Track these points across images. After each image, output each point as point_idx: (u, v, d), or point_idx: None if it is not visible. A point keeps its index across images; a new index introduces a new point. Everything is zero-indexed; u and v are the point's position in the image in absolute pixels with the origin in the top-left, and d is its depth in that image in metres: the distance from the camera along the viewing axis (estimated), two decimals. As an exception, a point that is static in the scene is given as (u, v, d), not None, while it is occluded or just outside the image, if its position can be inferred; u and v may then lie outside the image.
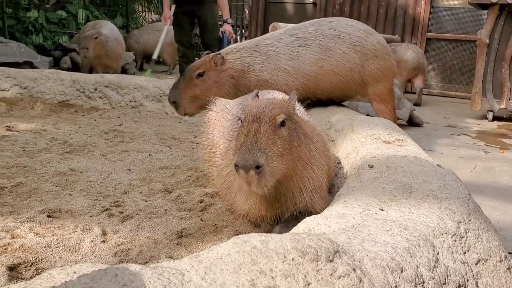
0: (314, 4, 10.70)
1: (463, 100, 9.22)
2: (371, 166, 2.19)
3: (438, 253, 1.44)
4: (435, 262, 1.40)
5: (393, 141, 2.62)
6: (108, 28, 7.62)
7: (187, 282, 1.05)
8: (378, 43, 4.00)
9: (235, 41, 8.86)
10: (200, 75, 3.66)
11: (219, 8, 7.27)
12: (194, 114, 3.83)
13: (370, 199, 1.77)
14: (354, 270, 1.19)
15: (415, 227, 1.50)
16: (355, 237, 1.37)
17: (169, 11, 7.23)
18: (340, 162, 2.81)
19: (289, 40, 3.88)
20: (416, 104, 8.28)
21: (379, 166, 2.15)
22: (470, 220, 1.65)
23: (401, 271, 1.28)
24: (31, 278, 1.71)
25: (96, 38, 7.18)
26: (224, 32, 7.10)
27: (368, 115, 4.33)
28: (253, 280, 1.08)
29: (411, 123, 6.26)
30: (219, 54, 3.72)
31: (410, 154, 2.28)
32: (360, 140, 2.72)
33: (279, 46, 3.83)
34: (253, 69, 3.75)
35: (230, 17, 7.22)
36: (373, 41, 3.97)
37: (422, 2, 9.48)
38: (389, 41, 9.13)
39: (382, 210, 1.66)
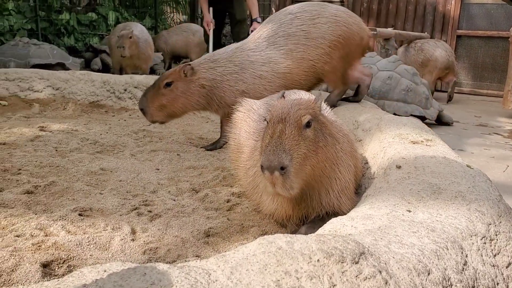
0: (342, 2, 10.62)
1: (495, 98, 9.00)
2: (398, 167, 2.17)
3: (466, 256, 1.42)
4: (464, 264, 1.38)
5: (422, 141, 2.59)
6: (138, 30, 7.73)
7: (214, 282, 1.07)
8: (337, 10, 3.90)
9: None
10: (168, 84, 3.66)
11: (248, 8, 7.28)
12: (163, 122, 3.85)
13: (397, 200, 1.75)
14: (380, 272, 1.18)
15: (443, 229, 1.48)
16: (381, 238, 1.36)
17: (209, 15, 7.25)
18: (367, 162, 2.79)
19: (257, 44, 3.84)
20: (449, 99, 8.14)
21: (407, 167, 2.13)
22: (500, 222, 1.62)
23: (428, 274, 1.27)
24: (63, 275, 1.77)
25: (130, 37, 7.29)
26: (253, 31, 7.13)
27: (394, 113, 4.27)
28: (279, 280, 1.09)
29: (440, 122, 6.15)
30: (189, 64, 3.72)
31: (439, 155, 2.25)
32: (388, 140, 2.70)
33: (250, 54, 3.79)
34: (227, 79, 3.73)
35: (259, 20, 7.22)
36: (331, 10, 3.88)
37: (453, -2, 9.30)
38: (418, 38, 9.02)
39: (410, 211, 1.64)
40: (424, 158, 2.18)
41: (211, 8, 7.12)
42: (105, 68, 9.26)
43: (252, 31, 7.27)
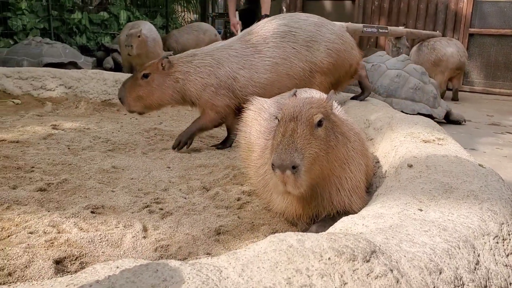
0: (353, 1, 10.57)
1: (508, 97, 8.91)
2: (410, 166, 2.16)
3: (479, 255, 1.41)
4: (476, 264, 1.37)
5: (433, 140, 2.57)
6: (146, 28, 7.75)
7: (225, 279, 1.07)
8: (332, 34, 3.85)
9: None
10: (145, 76, 3.65)
11: (261, 3, 7.30)
12: (141, 112, 3.84)
13: (409, 199, 1.75)
14: (391, 270, 1.18)
15: (454, 228, 1.47)
16: (392, 237, 1.36)
17: (235, 18, 7.28)
18: (378, 161, 2.78)
19: (243, 47, 3.78)
20: (454, 99, 8.10)
21: (419, 166, 2.12)
22: (513, 222, 1.61)
23: (440, 273, 1.26)
24: (76, 271, 1.79)
25: (139, 36, 7.31)
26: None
27: (402, 112, 4.25)
28: (289, 278, 1.09)
29: (449, 120, 6.12)
30: (167, 58, 3.69)
31: (450, 154, 2.23)
32: (399, 139, 2.69)
33: (231, 53, 3.72)
34: (200, 71, 3.68)
35: (267, 14, 7.25)
36: (326, 34, 3.82)
37: (465, -4, 9.21)
38: (430, 37, 8.96)
39: (421, 210, 1.63)
40: (435, 157, 2.17)
41: (237, 12, 7.14)
42: (117, 67, 9.32)
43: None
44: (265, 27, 3.84)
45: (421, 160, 2.17)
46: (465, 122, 6.23)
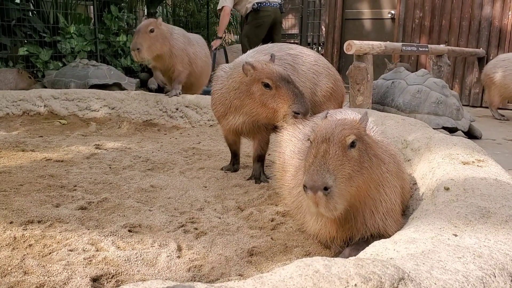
0: (393, 19, 10.48)
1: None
2: (447, 189, 2.11)
3: (516, 284, 1.35)
4: (513, 293, 1.32)
5: (473, 162, 2.50)
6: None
7: (250, 303, 1.08)
8: (329, 64, 3.85)
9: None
10: None
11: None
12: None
13: (444, 223, 1.71)
14: (421, 298, 1.16)
15: (490, 255, 1.42)
16: (423, 263, 1.33)
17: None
18: (416, 183, 2.72)
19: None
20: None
21: (456, 189, 2.07)
22: (555, 249, 1.53)
23: (473, 302, 1.22)
24: (111, 289, 1.84)
25: (152, 31, 6.94)
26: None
27: None
28: (315, 304, 1.09)
29: (469, 135, 5.97)
30: None
31: (490, 176, 2.17)
32: (437, 161, 2.63)
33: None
34: None
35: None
36: (325, 61, 3.82)
37: (510, 12, 8.94)
38: (473, 55, 8.74)
39: (456, 235, 1.59)
40: (474, 180, 2.11)
41: None
42: (160, 88, 9.56)
43: (212, 46, 7.98)
44: (272, 48, 3.73)
45: (459, 183, 2.12)
46: (481, 136, 6.14)
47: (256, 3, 7.83)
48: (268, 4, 7.89)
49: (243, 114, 3.25)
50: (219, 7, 7.97)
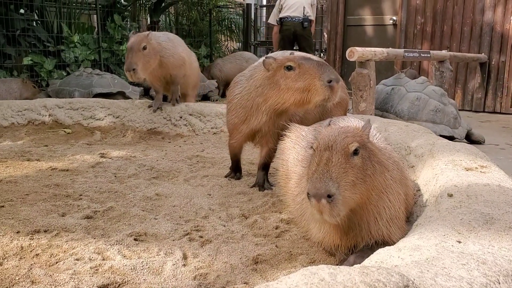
0: (395, 25, 10.52)
1: None
2: (450, 195, 2.12)
3: (520, 291, 1.36)
4: (517, 300, 1.33)
5: (476, 168, 2.51)
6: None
7: (256, 311, 1.09)
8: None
9: None
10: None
11: None
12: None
13: (447, 230, 1.72)
14: (425, 305, 1.17)
15: (495, 262, 1.43)
16: (427, 271, 1.34)
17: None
18: (419, 190, 2.74)
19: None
20: None
21: (459, 195, 2.08)
22: (559, 255, 1.54)
23: (477, 309, 1.23)
24: (118, 298, 1.86)
25: (145, 48, 6.71)
26: None
27: None
28: (320, 311, 1.10)
29: (471, 141, 6.07)
30: None
31: (493, 182, 2.18)
32: (440, 167, 2.64)
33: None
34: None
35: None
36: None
37: (511, 17, 8.95)
38: (475, 60, 8.75)
39: (460, 242, 1.60)
40: (477, 186, 2.12)
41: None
42: (164, 96, 9.60)
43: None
44: None
45: (462, 189, 2.13)
46: (484, 141, 6.19)
47: (280, 18, 9.19)
48: (290, 19, 9.02)
49: (266, 110, 3.20)
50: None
